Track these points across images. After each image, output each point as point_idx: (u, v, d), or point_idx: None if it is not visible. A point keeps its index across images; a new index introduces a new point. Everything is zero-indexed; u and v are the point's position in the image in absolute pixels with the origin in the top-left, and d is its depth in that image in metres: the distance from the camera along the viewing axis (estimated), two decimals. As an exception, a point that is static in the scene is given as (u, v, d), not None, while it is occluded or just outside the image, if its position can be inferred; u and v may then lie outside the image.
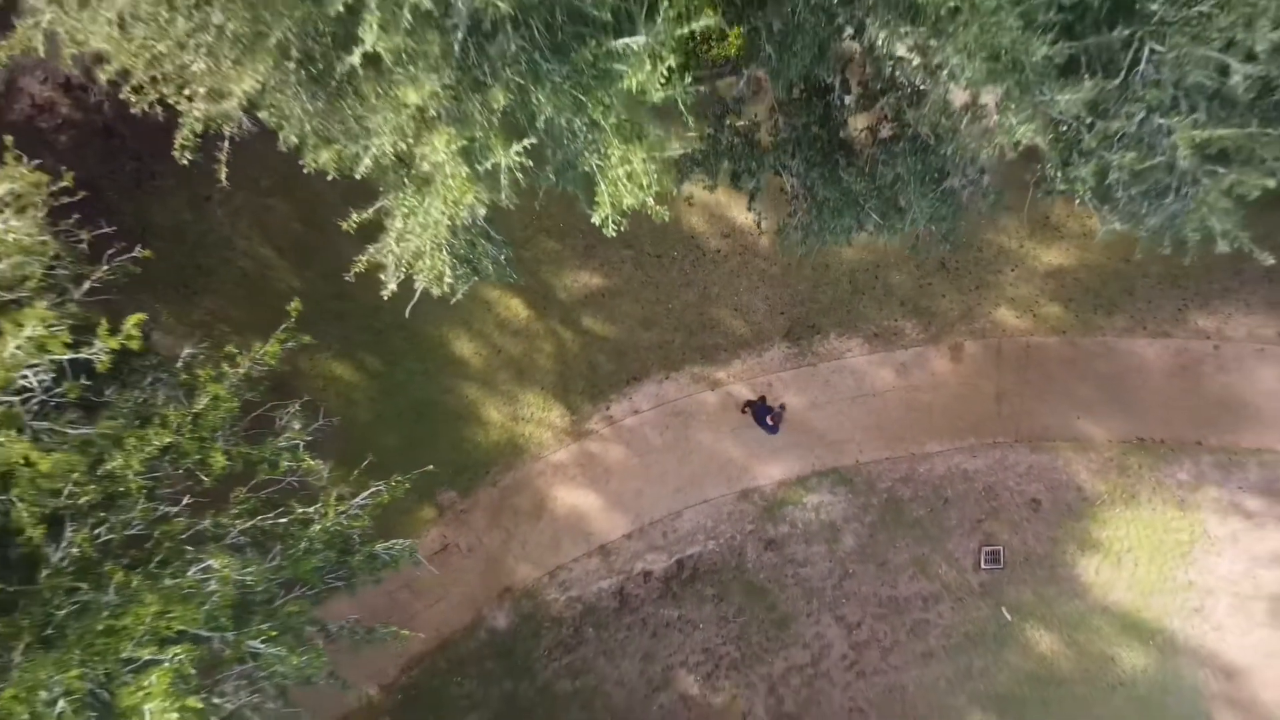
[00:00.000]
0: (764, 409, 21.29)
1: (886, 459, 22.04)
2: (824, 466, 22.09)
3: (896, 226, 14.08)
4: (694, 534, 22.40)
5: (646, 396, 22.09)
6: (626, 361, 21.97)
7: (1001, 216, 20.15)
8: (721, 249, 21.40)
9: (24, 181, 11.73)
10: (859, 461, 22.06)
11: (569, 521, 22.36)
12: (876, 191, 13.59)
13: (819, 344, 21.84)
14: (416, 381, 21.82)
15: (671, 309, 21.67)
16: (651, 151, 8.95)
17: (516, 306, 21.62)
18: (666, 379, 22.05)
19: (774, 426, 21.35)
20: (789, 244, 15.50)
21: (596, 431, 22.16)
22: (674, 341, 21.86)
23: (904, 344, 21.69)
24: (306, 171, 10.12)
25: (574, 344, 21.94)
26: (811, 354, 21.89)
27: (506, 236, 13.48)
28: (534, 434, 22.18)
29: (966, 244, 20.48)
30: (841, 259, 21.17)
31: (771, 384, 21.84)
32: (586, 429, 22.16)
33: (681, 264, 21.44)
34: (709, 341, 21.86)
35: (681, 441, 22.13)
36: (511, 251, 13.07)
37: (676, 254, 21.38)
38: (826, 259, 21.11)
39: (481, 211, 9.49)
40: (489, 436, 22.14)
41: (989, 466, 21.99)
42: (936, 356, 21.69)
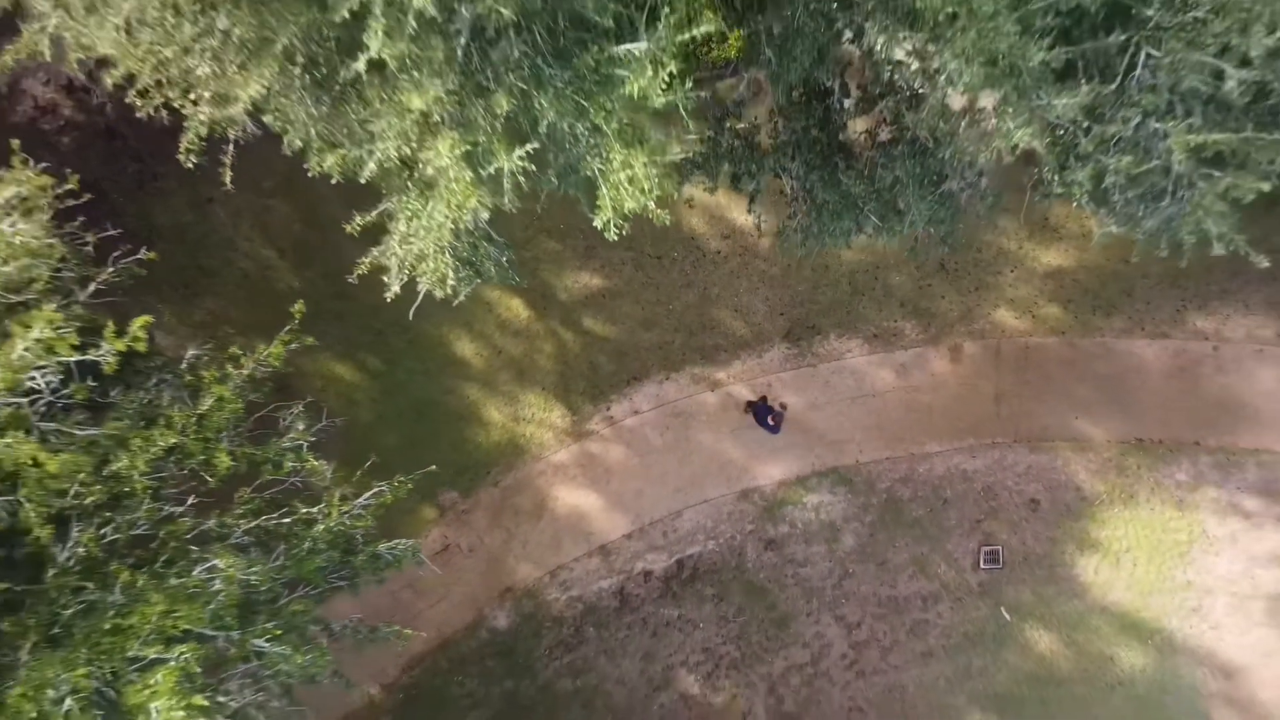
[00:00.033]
0: (765, 409, 21.31)
1: (886, 459, 22.04)
2: (824, 467, 22.09)
3: (895, 229, 14.13)
4: (694, 534, 22.42)
5: (647, 397, 22.10)
6: (627, 362, 21.97)
7: (1000, 218, 20.16)
8: (722, 250, 21.43)
9: (31, 185, 11.81)
10: (859, 462, 22.07)
11: (570, 521, 22.38)
12: (875, 194, 13.62)
13: (819, 345, 21.85)
14: (417, 382, 21.83)
15: (672, 310, 21.67)
16: (653, 156, 9.01)
17: (517, 307, 21.63)
18: (667, 379, 22.06)
19: (775, 426, 21.38)
20: (789, 246, 15.55)
21: (597, 432, 22.19)
22: (674, 342, 21.87)
23: (903, 345, 21.70)
24: (311, 175, 10.18)
25: (574, 344, 21.96)
26: (811, 355, 21.91)
27: (508, 238, 13.52)
28: (535, 434, 22.20)
29: (966, 245, 20.46)
30: (841, 260, 21.16)
31: (771, 384, 21.86)
32: (587, 429, 22.19)
33: (682, 265, 21.46)
34: (709, 342, 21.86)
35: (682, 442, 22.14)
36: (513, 253, 13.13)
37: (677, 255, 21.39)
38: (826, 260, 21.11)
39: (485, 215, 9.55)
40: (490, 437, 22.16)
41: (988, 467, 21.98)
42: (936, 357, 21.69)
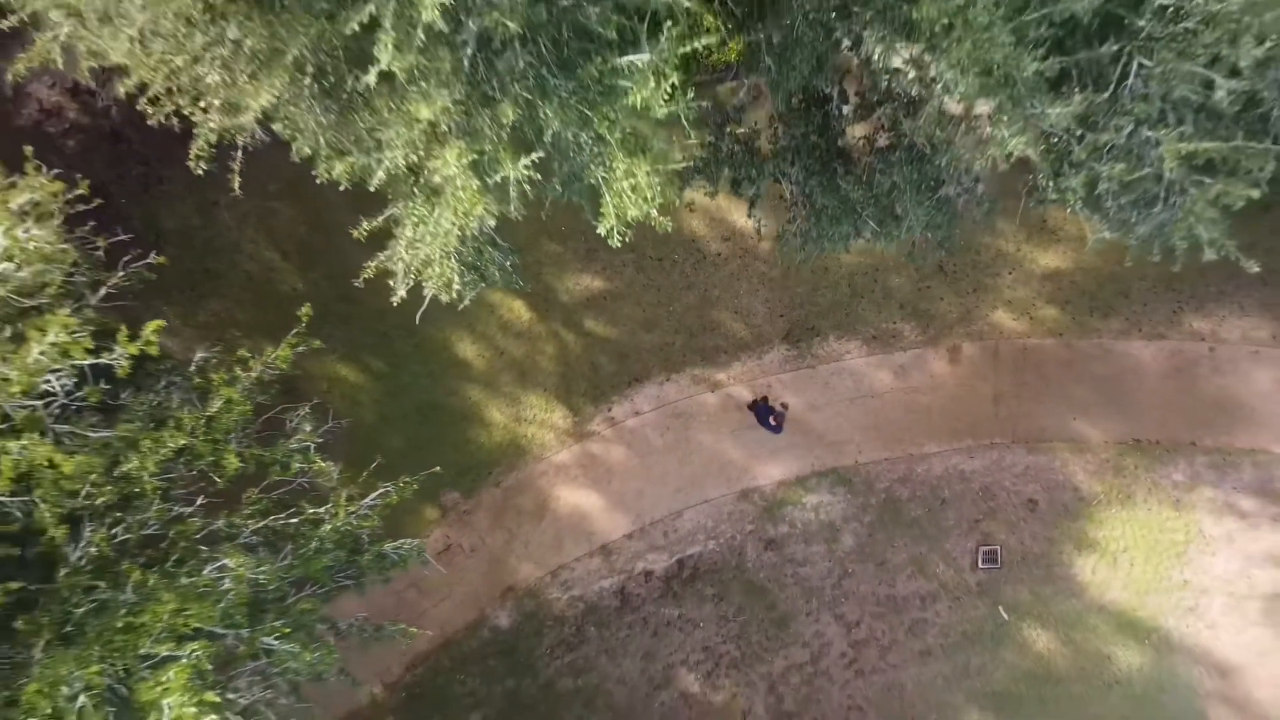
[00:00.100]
0: (766, 409, 21.33)
1: (885, 459, 22.07)
2: (823, 467, 22.13)
3: (893, 233, 14.24)
4: (694, 534, 22.47)
5: (648, 398, 22.15)
6: (628, 363, 22.03)
7: (998, 221, 20.26)
8: (722, 252, 21.51)
9: (44, 191, 11.96)
10: (858, 462, 22.11)
11: (571, 521, 22.44)
12: (874, 199, 13.71)
13: (818, 346, 21.90)
14: (421, 383, 21.89)
15: (672, 311, 21.73)
16: (656, 164, 9.15)
17: (519, 309, 21.70)
18: (667, 380, 22.12)
19: (777, 426, 21.40)
20: (788, 250, 15.64)
21: (598, 432, 22.26)
22: (675, 344, 21.93)
23: (902, 346, 21.74)
24: (319, 182, 10.31)
25: (576, 346, 22.02)
26: (811, 356, 21.96)
27: (511, 242, 13.64)
28: (536, 435, 22.26)
29: (964, 248, 20.48)
30: (841, 262, 21.19)
31: (771, 385, 21.91)
32: (588, 430, 22.26)
33: (682, 267, 21.52)
34: (709, 344, 21.92)
35: (682, 442, 22.19)
36: (517, 258, 13.25)
37: (678, 257, 21.44)
38: (826, 262, 21.12)
39: (491, 222, 9.67)
40: (492, 438, 22.22)
41: (986, 467, 22.01)
42: (935, 358, 21.73)
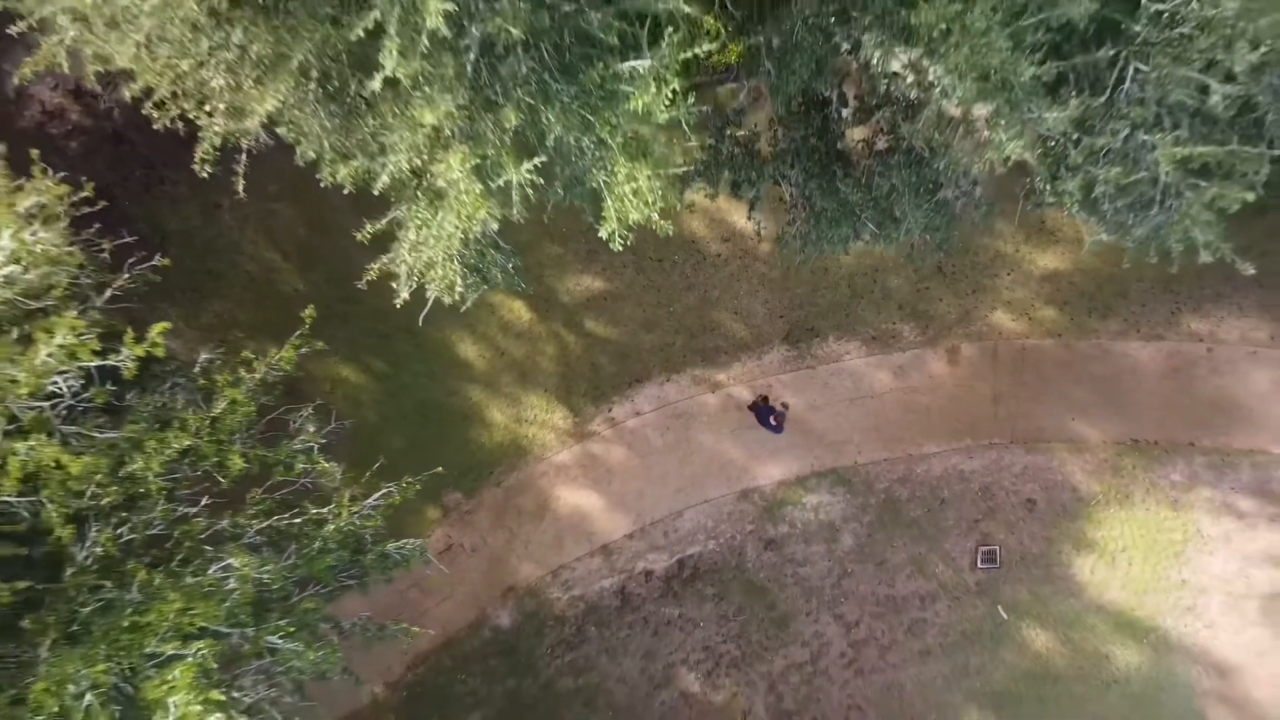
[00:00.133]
0: (767, 409, 21.31)
1: (884, 460, 22.12)
2: (823, 467, 22.17)
3: (892, 236, 14.30)
4: (694, 534, 22.51)
5: (648, 398, 22.19)
6: (628, 364, 22.07)
7: (997, 222, 20.31)
8: (722, 253, 21.56)
9: (50, 194, 12.04)
10: (857, 462, 22.15)
11: (571, 521, 22.49)
12: (873, 202, 13.77)
13: (818, 347, 21.94)
14: (421, 384, 21.94)
15: (673, 312, 21.77)
16: (657, 169, 9.23)
17: (520, 310, 21.74)
18: (668, 381, 22.16)
19: (778, 426, 21.40)
20: (788, 252, 15.69)
21: (598, 433, 22.31)
22: (675, 344, 21.98)
23: (902, 347, 21.78)
24: (323, 185, 10.38)
25: (576, 346, 22.06)
26: (810, 356, 22.00)
27: (513, 244, 13.71)
28: (537, 435, 22.30)
29: (963, 249, 20.52)
30: (840, 263, 21.23)
31: (771, 385, 21.99)
32: (589, 430, 22.31)
33: (682, 268, 21.57)
34: (709, 344, 21.96)
35: (682, 442, 22.24)
36: (519, 260, 13.33)
37: (678, 258, 21.48)
38: (825, 263, 21.15)
39: (494, 226, 9.75)
40: (493, 438, 22.26)
41: (985, 467, 22.04)
42: (934, 359, 21.77)
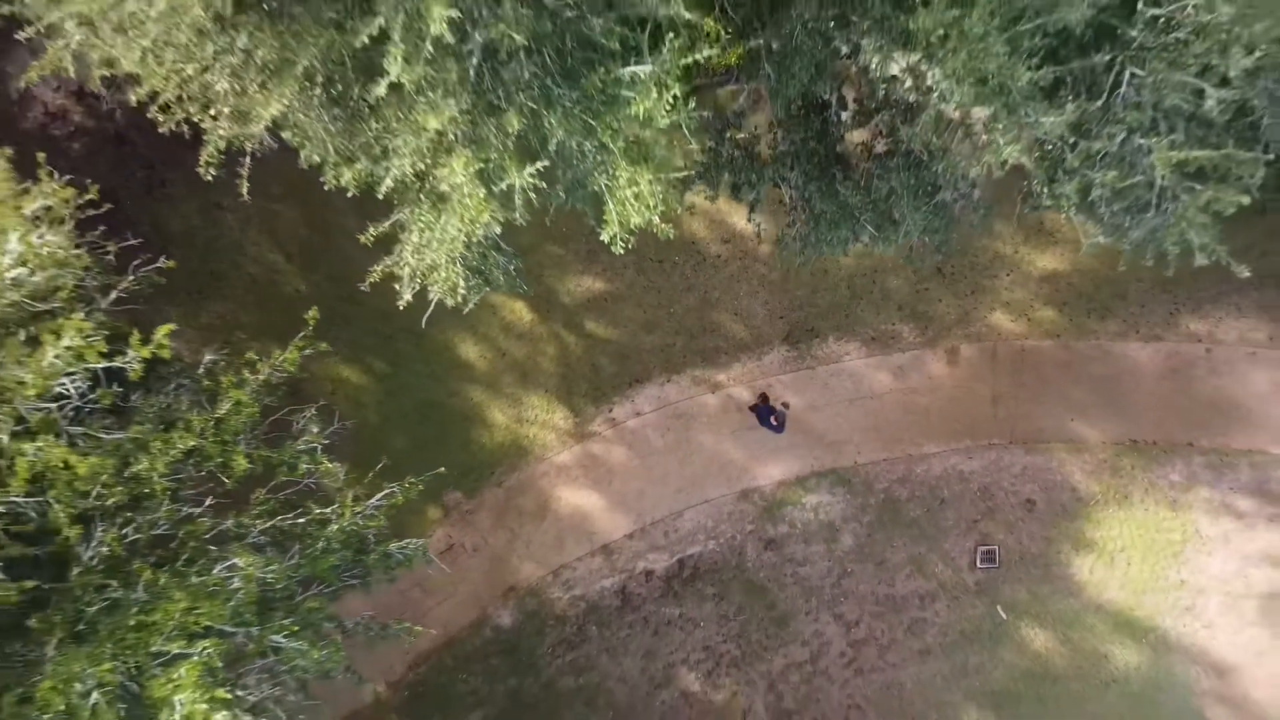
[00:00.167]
0: (767, 410, 21.27)
1: (884, 460, 22.15)
2: (823, 467, 22.21)
3: (891, 238, 14.36)
4: (695, 534, 22.55)
5: (648, 399, 22.23)
6: (628, 364, 22.12)
7: (996, 223, 20.36)
8: (722, 254, 21.60)
9: (57, 197, 12.14)
10: (857, 462, 22.19)
11: (572, 521, 22.54)
12: (871, 204, 13.83)
13: (818, 347, 21.98)
14: (423, 384, 21.99)
15: (673, 313, 21.82)
16: (658, 172, 9.32)
17: (520, 310, 21.78)
18: (668, 381, 22.21)
19: (779, 426, 21.40)
20: (787, 254, 15.75)
21: (599, 433, 22.36)
22: (675, 345, 22.02)
23: (901, 347, 21.82)
24: (327, 188, 10.46)
25: (577, 347, 22.11)
26: (810, 357, 22.03)
27: (514, 246, 13.77)
28: (538, 436, 22.36)
29: (962, 250, 20.55)
30: (840, 264, 21.26)
31: (771, 385, 22.08)
32: (589, 431, 22.36)
33: (683, 269, 21.61)
34: (709, 345, 22.00)
35: (683, 443, 22.28)
36: (521, 262, 13.41)
37: (678, 259, 21.52)
38: (825, 264, 21.17)
39: (497, 229, 9.84)
40: (494, 438, 22.31)
41: (984, 468, 22.07)
42: (933, 360, 21.80)
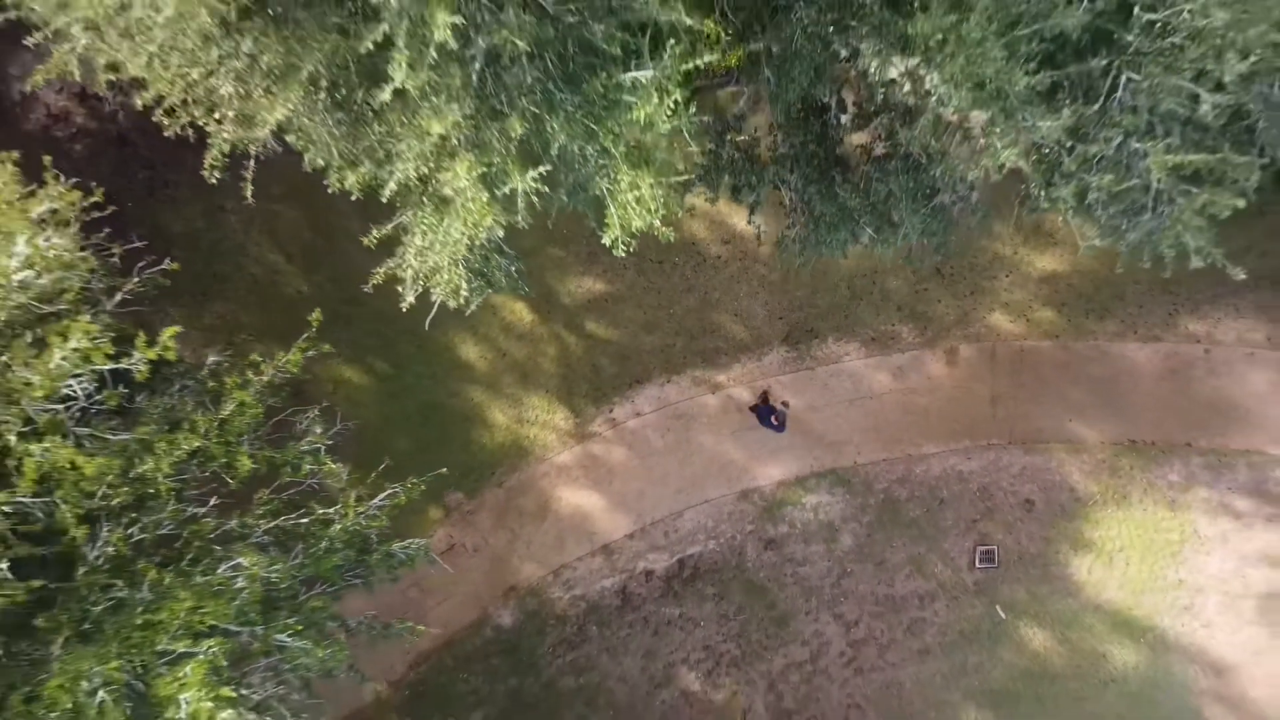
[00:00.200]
0: (768, 410, 21.36)
1: (884, 460, 22.20)
2: (822, 468, 22.26)
3: (890, 240, 14.42)
4: (695, 534, 22.59)
5: (648, 399, 22.27)
6: (629, 365, 22.15)
7: (995, 224, 20.42)
8: (722, 255, 21.62)
9: (63, 200, 12.22)
10: (857, 463, 22.24)
11: (573, 522, 22.58)
12: (871, 207, 13.91)
13: (817, 348, 22.02)
14: (424, 385, 22.01)
15: (673, 314, 21.85)
16: (659, 176, 9.41)
17: (521, 311, 21.80)
18: (668, 382, 22.25)
19: (780, 425, 21.46)
20: (787, 255, 15.84)
21: (599, 434, 22.40)
22: (675, 345, 22.06)
23: (900, 348, 21.86)
24: (330, 191, 10.54)
25: (577, 348, 22.14)
26: (810, 358, 22.07)
27: (514, 247, 13.83)
28: (538, 436, 22.39)
29: (961, 251, 20.57)
30: (840, 265, 21.26)
31: (771, 386, 22.13)
32: (590, 431, 22.40)
33: (683, 270, 21.64)
34: (710, 345, 22.04)
35: (683, 443, 22.32)
36: (523, 264, 13.48)
37: (678, 260, 21.55)
38: (825, 265, 21.14)
39: (500, 233, 9.92)
40: (494, 439, 22.33)
41: (984, 468, 22.13)
42: (932, 360, 21.85)
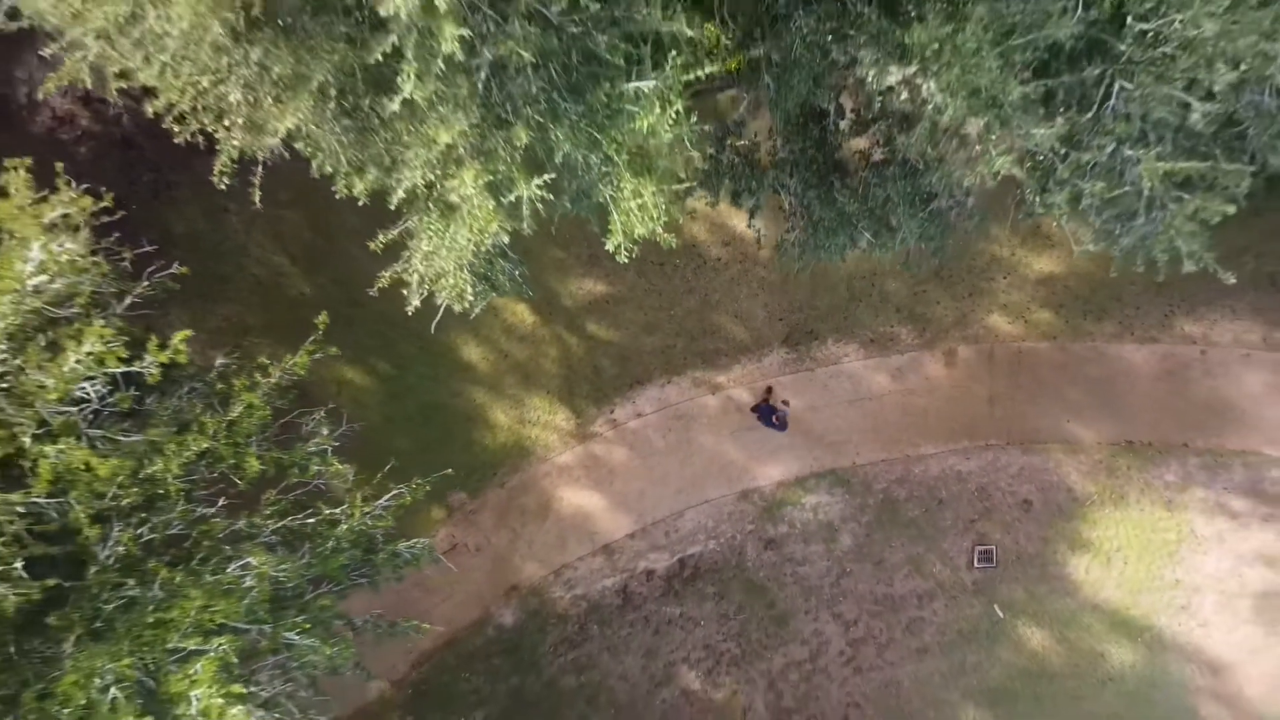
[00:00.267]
0: (769, 410, 21.48)
1: (883, 460, 22.31)
2: (822, 468, 22.37)
3: (888, 244, 14.57)
4: (695, 533, 22.70)
5: (649, 400, 22.37)
6: (630, 366, 22.24)
7: (992, 226, 20.54)
8: (722, 257, 21.69)
9: (75, 206, 12.38)
10: (856, 463, 22.35)
11: (574, 521, 22.68)
12: (869, 212, 14.07)
13: (817, 349, 22.11)
14: (426, 386, 22.09)
15: (673, 315, 21.94)
16: (661, 184, 9.57)
17: (522, 313, 21.88)
18: (669, 383, 22.35)
19: (781, 425, 21.58)
20: (786, 259, 15.99)
21: (600, 434, 22.50)
22: (676, 346, 22.15)
23: (899, 349, 21.97)
24: (338, 197, 10.68)
25: (578, 349, 22.23)
26: (810, 359, 22.16)
27: (518, 251, 13.97)
28: (540, 436, 22.48)
29: (959, 254, 20.67)
30: (839, 267, 21.29)
31: (771, 387, 22.28)
32: (591, 432, 22.49)
33: (683, 272, 21.70)
34: (710, 347, 22.13)
35: (683, 443, 22.42)
36: (526, 268, 13.62)
37: (679, 262, 21.60)
38: (824, 268, 21.13)
39: (505, 239, 10.07)
40: (496, 439, 22.42)
41: (982, 468, 22.23)
42: (931, 361, 21.95)
